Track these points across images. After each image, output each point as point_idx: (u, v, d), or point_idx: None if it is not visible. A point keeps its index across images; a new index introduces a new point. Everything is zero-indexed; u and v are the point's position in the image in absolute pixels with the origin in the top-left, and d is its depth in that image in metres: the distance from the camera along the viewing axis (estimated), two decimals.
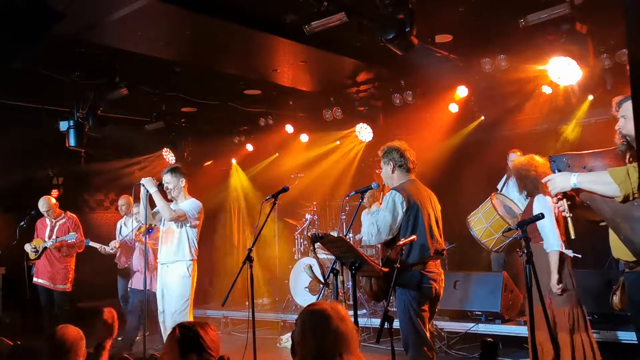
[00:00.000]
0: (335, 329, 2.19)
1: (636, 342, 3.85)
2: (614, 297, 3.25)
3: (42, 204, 7.26)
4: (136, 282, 7.08)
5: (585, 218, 3.18)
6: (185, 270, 5.45)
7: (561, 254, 4.48)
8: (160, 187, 5.45)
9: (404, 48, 5.24)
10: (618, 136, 2.99)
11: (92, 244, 7.42)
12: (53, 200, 7.38)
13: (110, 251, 7.36)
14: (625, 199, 2.73)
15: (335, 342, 2.17)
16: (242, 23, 5.56)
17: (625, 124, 2.96)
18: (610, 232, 3.01)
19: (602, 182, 2.80)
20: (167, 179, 5.53)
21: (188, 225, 5.46)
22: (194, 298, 5.62)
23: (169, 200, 5.58)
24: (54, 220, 7.33)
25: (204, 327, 2.61)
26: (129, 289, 7.23)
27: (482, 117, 8.11)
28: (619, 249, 2.97)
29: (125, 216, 7.62)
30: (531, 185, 4.64)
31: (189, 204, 5.50)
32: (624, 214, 2.78)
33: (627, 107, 2.97)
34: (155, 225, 6.08)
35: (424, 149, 7.39)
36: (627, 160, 2.87)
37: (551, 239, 4.47)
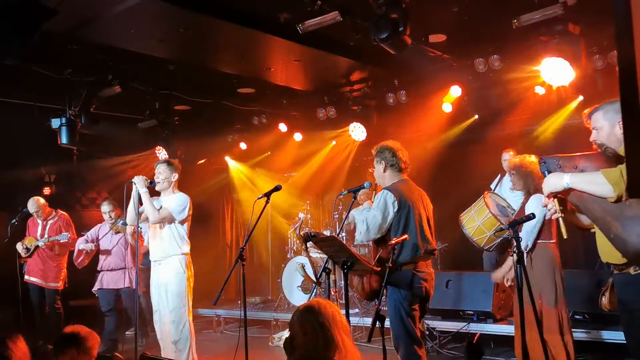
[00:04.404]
0: (332, 319, 2.30)
1: (623, 341, 3.86)
2: (603, 298, 3.27)
3: (31, 205, 7.21)
4: (107, 282, 7.06)
5: (574, 224, 3.20)
6: (179, 266, 5.34)
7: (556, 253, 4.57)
8: (152, 185, 5.40)
9: (398, 48, 5.25)
10: (595, 147, 3.04)
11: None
12: (42, 201, 7.32)
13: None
14: (618, 200, 2.74)
15: (333, 333, 2.26)
16: (236, 21, 5.55)
17: (598, 135, 3.00)
18: (598, 236, 3.03)
19: (595, 182, 2.81)
20: (161, 169, 5.45)
21: (176, 221, 5.42)
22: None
23: (157, 194, 5.53)
24: (44, 220, 7.30)
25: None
26: (98, 289, 7.14)
27: (476, 116, 8.13)
28: (607, 253, 2.99)
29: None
30: (532, 183, 4.66)
31: (174, 200, 5.40)
32: (615, 213, 2.79)
33: (597, 118, 3.02)
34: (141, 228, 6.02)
35: (417, 149, 7.42)
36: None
37: (525, 236, 4.51)
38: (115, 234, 7.06)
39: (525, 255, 4.47)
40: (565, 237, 3.06)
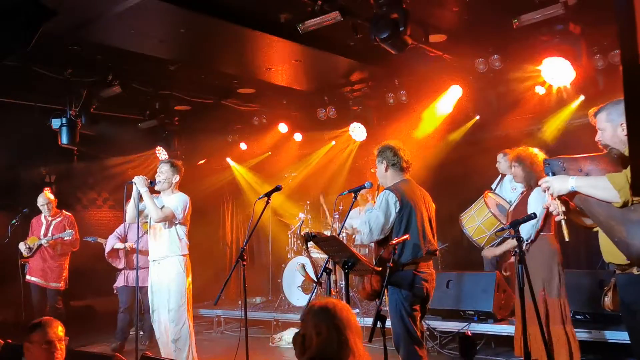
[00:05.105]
0: (347, 322, 2.34)
1: (625, 341, 3.85)
2: (606, 298, 3.27)
3: (41, 198, 7.24)
4: (133, 280, 7.15)
5: (577, 223, 3.20)
6: (178, 266, 5.34)
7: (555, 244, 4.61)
8: (152, 185, 5.40)
9: (398, 47, 5.25)
10: (600, 147, 3.03)
11: (99, 240, 7.44)
12: (52, 197, 7.35)
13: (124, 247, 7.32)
14: (624, 205, 2.73)
15: (347, 336, 2.30)
16: (236, 21, 5.54)
17: (602, 136, 2.99)
18: (601, 236, 3.02)
19: (601, 187, 2.79)
20: (163, 169, 5.44)
21: (176, 222, 5.41)
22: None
23: (157, 193, 5.52)
24: (50, 219, 7.29)
25: None
26: (122, 286, 7.27)
27: (477, 117, 8.13)
28: (610, 253, 2.98)
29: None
30: (533, 177, 4.65)
31: (175, 200, 5.40)
32: (620, 217, 2.78)
33: (601, 119, 3.01)
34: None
35: (417, 149, 7.40)
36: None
37: (527, 229, 4.53)
38: (145, 232, 7.14)
39: (525, 245, 4.50)
40: (567, 239, 3.05)
